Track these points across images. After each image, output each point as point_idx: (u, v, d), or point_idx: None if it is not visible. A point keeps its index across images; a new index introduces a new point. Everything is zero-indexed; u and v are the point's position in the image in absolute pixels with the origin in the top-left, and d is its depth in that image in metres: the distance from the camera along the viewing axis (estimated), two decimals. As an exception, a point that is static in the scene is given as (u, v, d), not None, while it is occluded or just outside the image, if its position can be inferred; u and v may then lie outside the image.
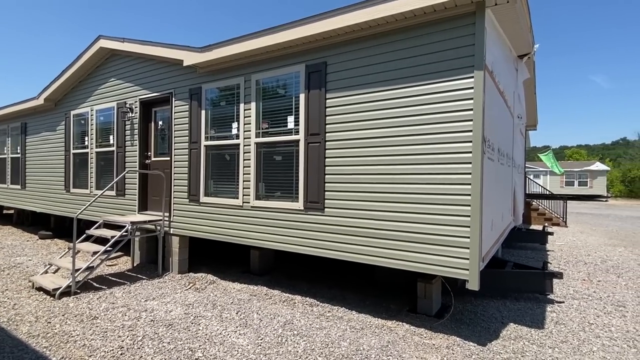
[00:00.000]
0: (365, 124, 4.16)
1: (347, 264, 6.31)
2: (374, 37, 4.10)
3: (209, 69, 5.55)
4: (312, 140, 4.54)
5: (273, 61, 4.94)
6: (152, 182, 6.71)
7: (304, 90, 4.60)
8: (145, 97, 6.56)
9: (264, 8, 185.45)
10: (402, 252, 3.92)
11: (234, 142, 5.33)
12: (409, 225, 3.87)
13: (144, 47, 6.20)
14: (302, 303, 4.77)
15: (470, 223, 3.50)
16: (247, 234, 5.21)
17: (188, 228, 5.93)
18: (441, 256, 3.68)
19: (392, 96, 3.97)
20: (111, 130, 7.22)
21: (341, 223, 4.33)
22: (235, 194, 5.34)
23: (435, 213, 3.70)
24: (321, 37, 4.39)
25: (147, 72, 6.52)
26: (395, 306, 4.77)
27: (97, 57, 7.36)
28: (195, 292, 5.20)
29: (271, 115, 4.98)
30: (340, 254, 4.35)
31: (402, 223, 3.91)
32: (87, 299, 4.83)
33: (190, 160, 5.86)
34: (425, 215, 3.77)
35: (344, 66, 4.31)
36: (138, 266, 6.54)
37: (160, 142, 6.62)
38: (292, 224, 4.73)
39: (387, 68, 4.00)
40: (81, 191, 7.89)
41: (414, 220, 3.84)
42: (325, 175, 4.45)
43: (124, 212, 6.88)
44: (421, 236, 3.79)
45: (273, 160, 4.98)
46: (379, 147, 4.05)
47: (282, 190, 4.89)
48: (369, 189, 4.13)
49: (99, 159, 7.52)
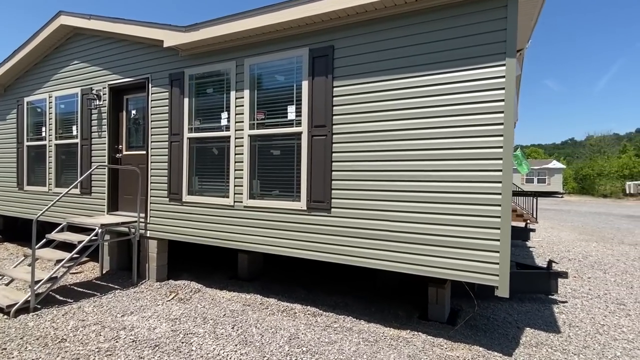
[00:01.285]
0: (379, 116, 3.76)
1: (340, 266, 5.92)
2: (391, 19, 3.70)
3: (193, 51, 4.93)
4: (316, 133, 4.09)
5: (270, 44, 4.42)
6: (124, 178, 5.97)
7: (308, 77, 4.13)
8: (115, 83, 5.80)
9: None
10: (421, 257, 3.57)
11: (224, 134, 4.77)
12: (429, 227, 3.52)
13: (116, 25, 5.45)
14: (303, 313, 4.33)
15: (500, 225, 3.21)
16: (238, 236, 4.67)
17: (168, 230, 5.28)
18: (466, 261, 3.36)
19: (411, 85, 3.60)
20: (74, 120, 6.37)
21: (350, 225, 3.92)
22: (225, 193, 4.78)
23: (460, 214, 3.38)
24: (328, 18, 3.94)
25: (118, 54, 5.76)
26: (403, 313, 4.44)
27: (57, 37, 6.46)
28: (180, 303, 4.60)
29: (268, 105, 4.47)
30: (348, 259, 3.95)
31: (420, 225, 3.56)
32: (50, 315, 4.12)
33: (171, 154, 5.21)
34: (448, 217, 3.44)
35: (355, 50, 3.88)
36: (108, 274, 5.79)
37: (134, 133, 5.89)
38: (293, 225, 4.27)
39: (406, 54, 3.62)
40: (38, 189, 6.95)
41: (435, 222, 3.50)
42: (333, 172, 4.01)
43: (90, 212, 6.08)
44: (444, 239, 3.46)
45: (270, 155, 4.48)
46: (396, 141, 3.68)
47: (281, 188, 4.40)
48: (384, 188, 3.75)
49: (60, 153, 6.64)
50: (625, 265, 7.48)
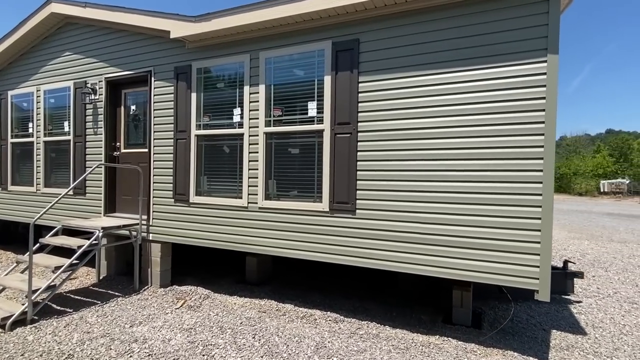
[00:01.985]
0: (409, 113, 3.60)
1: (354, 268, 5.76)
2: (422, 12, 3.54)
3: (202, 43, 4.64)
4: (340, 131, 3.90)
5: (289, 36, 4.19)
6: (122, 178, 5.61)
7: (330, 71, 3.93)
8: (113, 77, 5.43)
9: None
10: (457, 260, 3.44)
11: (236, 131, 4.51)
12: (464, 229, 3.39)
13: (115, 14, 5.10)
14: (324, 319, 4.13)
15: (541, 227, 3.10)
16: (252, 239, 4.43)
17: (173, 233, 4.98)
18: (505, 264, 3.25)
19: (444, 81, 3.45)
20: (66, 116, 5.95)
21: (377, 227, 3.75)
22: (238, 193, 4.53)
23: (498, 215, 3.26)
24: (354, 10, 3.75)
25: (117, 45, 5.40)
26: (426, 317, 4.31)
27: (47, 26, 6.02)
28: (190, 310, 4.33)
29: (285, 101, 4.24)
30: (375, 263, 3.78)
31: (457, 227, 3.42)
32: (50, 328, 3.78)
33: (177, 152, 4.91)
34: (484, 218, 3.31)
35: (383, 44, 3.71)
36: (105, 279, 5.43)
37: (133, 130, 5.54)
38: (314, 228, 4.06)
39: (439, 48, 3.47)
40: (24, 189, 6.48)
41: (470, 224, 3.37)
42: (358, 172, 3.83)
43: (85, 214, 5.69)
44: (481, 242, 3.33)
45: (287, 154, 4.25)
46: (429, 140, 3.52)
47: (300, 188, 4.19)
48: (414, 188, 3.59)
49: (49, 150, 6.20)
50: (623, 263, 7.61)
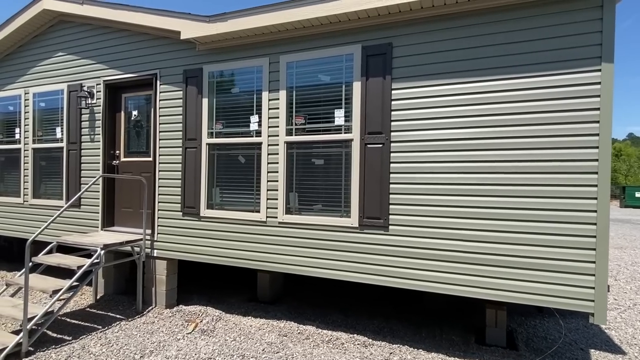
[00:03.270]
0: (450, 122, 3.37)
1: (367, 284, 5.51)
2: (465, 16, 3.33)
3: (216, 45, 4.31)
4: (371, 141, 3.64)
5: (312, 39, 3.92)
6: (121, 189, 5.19)
7: (360, 77, 3.67)
8: (113, 79, 5.03)
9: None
10: (496, 280, 3.22)
11: (254, 140, 4.19)
12: (510, 247, 3.18)
13: (117, 12, 4.71)
14: (351, 343, 3.84)
15: (596, 245, 2.91)
16: (271, 256, 4.11)
17: (180, 249, 4.60)
18: (555, 285, 3.04)
19: (490, 89, 3.24)
20: (58, 121, 5.49)
21: (412, 245, 3.50)
22: (255, 207, 4.20)
23: (549, 233, 3.06)
24: (387, 12, 3.51)
25: (118, 46, 5.00)
26: (457, 337, 4.07)
27: (38, 24, 5.56)
28: (204, 335, 3.96)
29: (308, 108, 3.96)
30: (409, 283, 3.52)
31: (500, 245, 3.21)
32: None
33: (186, 162, 4.55)
34: (533, 236, 3.10)
35: (419, 49, 3.47)
36: (103, 299, 4.99)
37: (135, 137, 5.13)
38: (341, 244, 3.78)
39: (483, 54, 3.26)
40: (9, 200, 5.96)
41: (517, 242, 3.15)
42: (391, 185, 3.57)
43: (80, 228, 5.24)
44: (527, 261, 3.12)
45: (311, 165, 3.96)
46: (470, 151, 3.30)
47: (325, 202, 3.90)
48: (454, 203, 3.35)
49: (38, 158, 5.71)
50: (629, 271, 7.61)
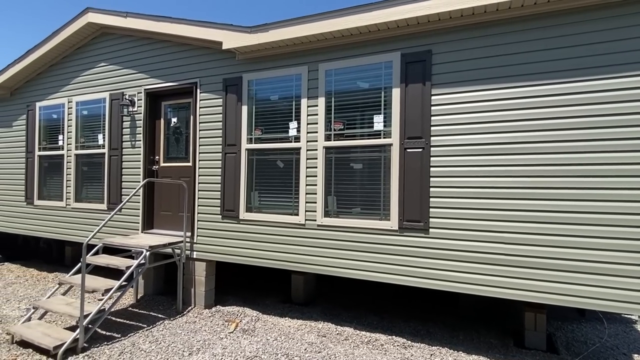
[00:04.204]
0: (488, 127, 3.44)
1: (399, 286, 5.56)
2: (504, 23, 3.40)
3: (255, 54, 4.48)
4: (410, 146, 3.72)
5: (351, 48, 4.04)
6: (160, 193, 5.39)
7: (399, 84, 3.77)
8: (153, 88, 5.25)
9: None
10: (539, 283, 3.25)
11: (292, 145, 4.33)
12: (554, 250, 3.21)
13: (159, 24, 4.94)
14: (390, 344, 3.90)
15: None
16: (309, 258, 4.22)
17: (219, 251, 4.75)
18: (602, 287, 3.06)
19: (531, 94, 3.30)
20: (100, 128, 5.74)
21: (453, 247, 3.56)
22: (294, 210, 4.32)
23: (608, 237, 3.07)
24: (426, 20, 3.61)
25: (159, 56, 5.23)
26: (495, 340, 4.09)
27: (81, 36, 5.85)
28: (246, 335, 4.08)
29: (347, 114, 4.07)
30: (449, 285, 3.57)
31: (541, 248, 3.24)
32: (104, 357, 3.52)
33: (225, 167, 4.71)
34: (589, 240, 3.12)
35: (459, 56, 3.56)
36: (143, 300, 5.18)
37: (174, 143, 5.34)
38: (380, 247, 3.86)
39: (521, 61, 3.33)
40: (52, 203, 6.23)
41: (570, 245, 3.18)
42: (431, 189, 3.65)
43: (121, 230, 5.45)
44: (583, 265, 3.14)
45: (349, 169, 4.07)
46: (510, 156, 3.36)
47: (363, 206, 3.99)
48: (496, 206, 3.41)
49: (80, 164, 5.97)
50: None
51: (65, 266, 6.97)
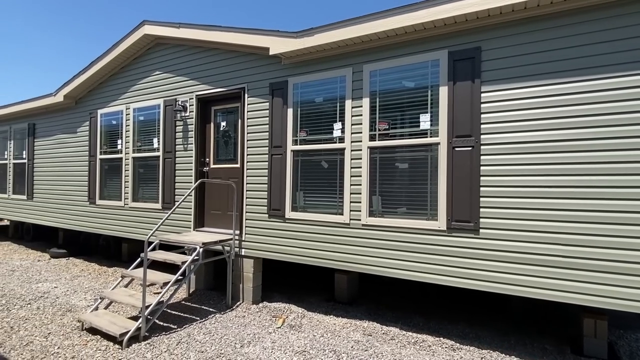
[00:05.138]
0: (541, 124, 3.32)
1: (446, 288, 5.45)
2: (558, 16, 3.28)
3: (300, 58, 4.61)
4: (459, 144, 3.67)
5: (396, 48, 4.06)
6: (211, 193, 5.67)
7: (447, 82, 3.74)
8: (204, 94, 5.54)
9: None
10: (601, 287, 3.08)
11: (337, 146, 4.40)
12: (617, 253, 3.04)
13: (210, 33, 5.21)
14: (438, 345, 3.86)
15: None
16: (354, 257, 4.27)
17: (265, 249, 4.92)
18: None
19: (583, 89, 3.16)
20: (155, 132, 6.14)
21: (505, 248, 3.46)
22: (338, 209, 4.40)
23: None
24: (475, 17, 3.56)
25: (208, 63, 5.51)
26: (550, 346, 3.92)
27: (138, 47, 6.29)
28: (293, 330, 4.20)
29: (391, 113, 4.09)
30: (500, 287, 3.48)
31: (604, 250, 3.08)
32: (163, 345, 3.77)
33: (271, 168, 4.88)
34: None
35: (509, 52, 3.47)
36: (195, 294, 5.46)
37: (223, 146, 5.60)
38: (427, 247, 3.83)
39: (582, 54, 3.19)
40: (111, 203, 6.73)
41: (635, 247, 3.01)
42: (481, 188, 3.58)
43: (174, 229, 5.79)
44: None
45: (394, 169, 4.08)
46: (562, 154, 3.22)
47: (409, 206, 3.99)
48: (552, 206, 3.28)
49: (137, 166, 6.41)
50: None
51: (122, 262, 7.49)
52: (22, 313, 4.61)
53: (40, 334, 3.98)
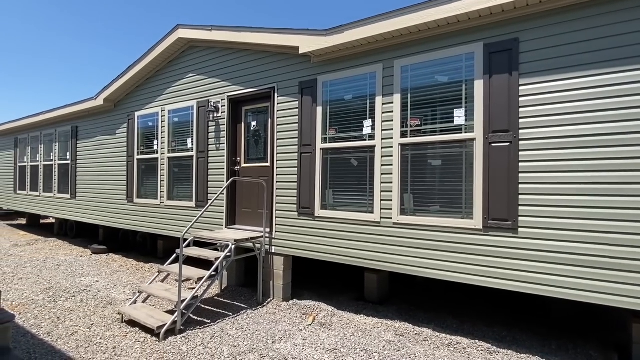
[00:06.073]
0: (586, 117, 3.14)
1: (481, 289, 5.27)
2: (601, 3, 3.09)
3: (330, 56, 4.61)
4: (496, 140, 3.54)
5: (428, 42, 3.97)
6: (242, 192, 5.77)
7: (482, 75, 3.61)
8: (235, 95, 5.65)
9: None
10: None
11: (367, 143, 4.36)
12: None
13: (241, 34, 5.31)
14: (473, 348, 3.73)
15: None
16: (384, 256, 4.20)
17: (295, 247, 4.95)
18: None
19: (630, 80, 2.96)
20: (189, 133, 6.32)
21: (546, 248, 3.30)
22: (368, 208, 4.35)
23: None
24: (512, 7, 3.41)
25: (239, 64, 5.62)
26: (594, 352, 3.70)
27: (172, 50, 6.50)
28: (323, 328, 4.20)
29: (424, 109, 4.00)
30: (541, 289, 3.32)
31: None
32: (198, 339, 3.87)
33: (301, 166, 4.90)
34: None
35: (549, 42, 3.31)
36: (227, 290, 5.57)
37: (253, 145, 5.68)
38: (462, 247, 3.72)
39: (622, 43, 2.99)
40: (148, 201, 7.00)
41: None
42: (520, 185, 3.43)
43: (207, 226, 5.94)
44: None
45: (426, 166, 3.99)
46: (609, 148, 3.03)
47: (442, 204, 3.88)
48: (596, 204, 3.10)
49: (172, 166, 6.63)
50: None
51: (158, 258, 7.77)
52: (68, 305, 4.87)
53: (84, 325, 4.20)
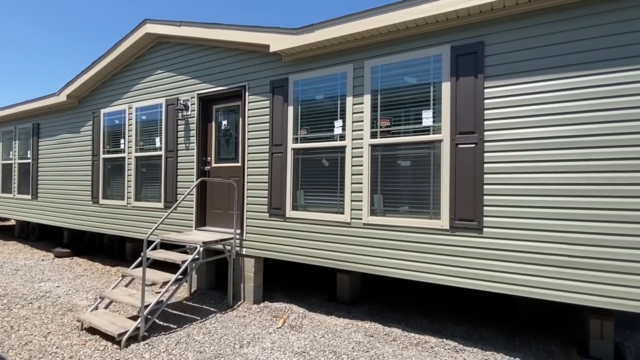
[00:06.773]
0: (548, 120, 3.23)
1: (449, 289, 5.36)
2: (562, 9, 3.19)
3: (301, 55, 4.56)
4: (462, 141, 3.59)
5: (398, 43, 3.99)
6: (213, 192, 5.64)
7: (449, 77, 3.66)
8: (205, 93, 5.51)
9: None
10: (607, 287, 2.99)
11: (337, 144, 4.34)
12: (625, 252, 2.94)
13: (211, 31, 5.17)
14: (441, 347, 3.78)
15: None
16: (355, 257, 4.20)
17: (267, 248, 4.87)
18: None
19: (590, 84, 3.07)
20: (157, 132, 6.12)
21: (509, 247, 3.37)
22: (339, 208, 4.33)
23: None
24: (478, 11, 3.48)
25: (209, 62, 5.48)
26: (556, 348, 3.82)
27: (140, 46, 6.28)
28: (293, 331, 4.15)
29: (393, 110, 4.02)
30: (505, 287, 3.39)
31: (610, 249, 2.98)
32: (162, 345, 3.74)
33: (272, 166, 4.83)
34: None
35: (513, 46, 3.39)
36: (196, 293, 5.43)
37: (224, 145, 5.56)
38: (429, 247, 3.76)
39: (587, 47, 3.10)
40: (114, 202, 6.73)
41: (633, 246, 2.91)
42: (485, 186, 3.49)
43: (176, 227, 5.77)
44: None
45: (396, 166, 4.01)
46: (569, 150, 3.13)
47: (411, 204, 3.91)
48: (557, 204, 3.19)
49: (140, 165, 6.40)
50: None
51: (125, 261, 7.49)
52: (23, 312, 4.61)
53: (39, 334, 3.97)
